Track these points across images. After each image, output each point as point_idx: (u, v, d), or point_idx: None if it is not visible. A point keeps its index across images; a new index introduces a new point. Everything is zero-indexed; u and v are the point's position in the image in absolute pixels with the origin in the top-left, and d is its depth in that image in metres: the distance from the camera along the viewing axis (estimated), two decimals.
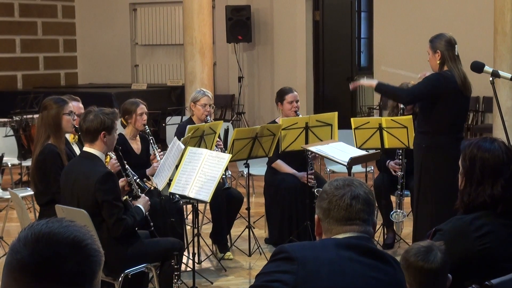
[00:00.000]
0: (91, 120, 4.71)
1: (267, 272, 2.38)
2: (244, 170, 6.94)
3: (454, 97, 5.49)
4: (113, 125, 4.78)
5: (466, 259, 3.01)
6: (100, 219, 4.63)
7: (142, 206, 4.86)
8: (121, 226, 4.61)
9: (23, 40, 14.14)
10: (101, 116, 4.72)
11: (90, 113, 4.76)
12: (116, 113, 4.90)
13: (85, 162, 4.74)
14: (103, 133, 4.71)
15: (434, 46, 5.54)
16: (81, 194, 4.66)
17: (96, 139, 4.72)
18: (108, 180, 4.62)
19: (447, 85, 5.45)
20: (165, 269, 4.85)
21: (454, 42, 5.55)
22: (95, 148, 4.74)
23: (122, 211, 4.65)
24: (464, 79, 5.51)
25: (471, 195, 3.10)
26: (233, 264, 6.38)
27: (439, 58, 5.51)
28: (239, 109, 13.31)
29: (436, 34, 5.62)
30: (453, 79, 5.47)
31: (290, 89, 6.90)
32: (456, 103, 5.53)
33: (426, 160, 5.60)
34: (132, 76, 14.67)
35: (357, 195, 2.45)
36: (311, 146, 6.24)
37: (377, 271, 2.40)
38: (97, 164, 4.69)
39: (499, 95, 5.70)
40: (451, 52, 5.51)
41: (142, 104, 6.22)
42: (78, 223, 1.57)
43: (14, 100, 10.63)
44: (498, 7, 9.48)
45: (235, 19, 13.00)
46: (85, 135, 4.76)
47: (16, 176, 9.51)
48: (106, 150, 4.80)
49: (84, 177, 4.67)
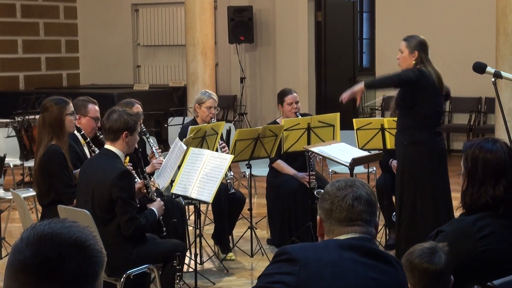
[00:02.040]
0: (114, 120, 4.76)
1: (269, 273, 2.38)
2: (246, 171, 6.94)
3: (432, 92, 5.65)
4: (136, 126, 4.84)
5: (468, 260, 3.01)
6: (110, 216, 4.65)
7: (156, 209, 4.88)
8: (133, 225, 4.64)
9: (25, 41, 14.15)
10: (125, 116, 4.77)
11: (114, 113, 4.81)
12: (140, 115, 4.96)
13: (105, 158, 4.80)
14: (125, 133, 4.75)
15: (412, 45, 5.70)
16: (97, 189, 4.69)
17: (118, 138, 4.76)
18: (125, 178, 4.66)
19: (427, 79, 5.62)
20: (167, 270, 4.85)
21: (427, 46, 5.74)
22: (116, 147, 4.79)
23: (135, 210, 4.68)
24: (440, 78, 5.69)
25: (473, 196, 3.10)
26: (235, 265, 6.38)
27: (414, 59, 5.65)
28: (241, 110, 13.31)
29: (410, 35, 5.77)
30: (430, 75, 5.62)
31: (290, 91, 6.91)
32: (433, 99, 5.68)
33: (409, 157, 5.69)
34: (134, 76, 14.68)
35: (359, 196, 2.45)
36: (313, 147, 6.24)
37: (379, 272, 2.40)
38: (116, 162, 4.74)
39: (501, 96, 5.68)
40: (425, 54, 5.69)
41: (137, 104, 6.22)
42: (80, 223, 1.57)
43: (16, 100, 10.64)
44: (500, 8, 9.48)
45: (237, 19, 13.00)
46: (107, 133, 4.81)
47: (18, 177, 9.52)
48: (127, 150, 4.85)
49: (102, 172, 4.70)
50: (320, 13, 13.29)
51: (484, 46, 10.78)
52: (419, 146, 5.70)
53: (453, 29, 11.78)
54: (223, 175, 5.51)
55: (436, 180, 5.73)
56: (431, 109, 5.71)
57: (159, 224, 4.98)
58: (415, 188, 5.72)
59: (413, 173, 5.72)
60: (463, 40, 11.68)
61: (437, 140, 5.77)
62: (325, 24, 13.40)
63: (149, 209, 4.87)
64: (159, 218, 4.93)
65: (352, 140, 6.66)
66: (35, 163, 5.34)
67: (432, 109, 5.71)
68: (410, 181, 5.74)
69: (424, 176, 5.70)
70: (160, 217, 4.95)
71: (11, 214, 7.28)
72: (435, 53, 12.62)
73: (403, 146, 5.76)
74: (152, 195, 5.00)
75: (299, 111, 6.88)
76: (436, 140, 5.75)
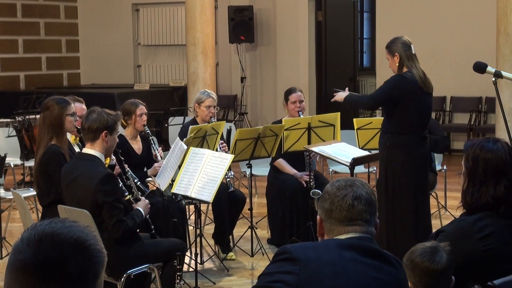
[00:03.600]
0: (93, 119, 4.72)
1: (269, 272, 2.38)
2: (246, 171, 6.94)
3: (416, 97, 5.57)
4: (115, 126, 4.78)
5: (469, 260, 3.01)
6: (100, 220, 4.62)
7: (142, 209, 4.86)
8: (121, 228, 4.60)
9: (26, 41, 14.16)
10: (104, 116, 4.73)
11: (93, 112, 4.77)
12: (119, 115, 4.91)
13: (85, 163, 4.73)
14: (104, 132, 4.70)
15: (392, 50, 5.65)
16: (81, 195, 4.66)
17: (97, 138, 4.71)
18: (109, 181, 4.61)
19: (407, 86, 5.53)
20: (167, 269, 4.86)
21: (409, 43, 5.65)
22: (95, 149, 4.73)
23: (122, 212, 4.65)
24: (424, 76, 5.61)
25: (474, 196, 3.10)
26: (236, 265, 6.38)
27: (397, 61, 5.60)
28: (242, 110, 13.31)
29: (390, 40, 5.72)
30: (412, 78, 5.55)
31: (294, 89, 6.92)
32: (418, 103, 5.60)
33: (390, 159, 5.66)
34: (135, 76, 14.68)
35: (359, 195, 2.45)
36: (313, 147, 6.24)
37: (379, 272, 2.40)
38: (98, 165, 4.69)
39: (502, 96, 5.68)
40: (408, 52, 5.60)
41: (142, 105, 6.21)
42: (81, 223, 1.57)
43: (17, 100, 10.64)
44: (500, 8, 9.48)
45: (237, 19, 13.00)
46: (86, 133, 4.75)
47: (18, 177, 9.52)
48: (106, 150, 4.80)
49: (84, 177, 4.66)
50: (321, 13, 13.29)
51: (485, 46, 10.79)
52: (400, 150, 5.62)
53: (453, 28, 11.77)
54: (224, 175, 5.51)
55: (415, 185, 5.67)
56: (415, 115, 5.60)
57: (146, 223, 4.96)
58: (393, 191, 5.66)
59: (394, 176, 5.65)
60: (464, 40, 11.68)
61: (420, 144, 5.66)
62: (325, 23, 13.40)
63: (135, 210, 4.83)
64: (146, 217, 4.92)
65: (352, 139, 6.66)
66: (35, 163, 5.34)
67: (415, 114, 5.60)
68: (391, 183, 5.68)
69: (404, 179, 5.63)
70: (147, 216, 4.94)
71: (12, 214, 7.28)
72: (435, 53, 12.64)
73: (385, 147, 5.70)
74: (137, 194, 4.97)
75: (303, 111, 6.87)
76: (419, 144, 5.65)
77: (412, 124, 5.61)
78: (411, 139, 5.60)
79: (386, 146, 5.69)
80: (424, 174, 5.75)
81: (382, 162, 5.77)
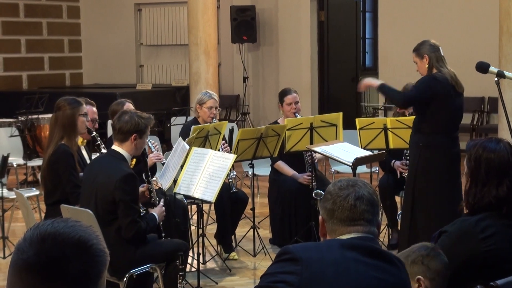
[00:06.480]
0: (125, 121, 4.75)
1: (271, 272, 2.38)
2: (249, 171, 6.94)
3: (448, 97, 5.60)
4: (146, 129, 4.82)
5: (471, 260, 3.01)
6: (112, 217, 4.65)
7: (157, 215, 4.88)
8: (134, 228, 4.63)
9: (28, 41, 14.17)
10: (136, 119, 4.75)
11: (126, 114, 4.81)
12: (152, 118, 4.92)
13: (111, 159, 4.78)
14: (134, 135, 4.74)
15: (420, 52, 5.70)
16: (100, 189, 4.69)
17: (127, 140, 4.75)
18: (130, 181, 4.64)
19: (440, 86, 5.57)
20: (170, 269, 4.86)
21: (437, 45, 5.71)
22: (124, 149, 4.78)
23: (137, 214, 4.68)
24: (455, 76, 5.65)
25: (476, 196, 3.10)
26: (238, 265, 6.38)
27: (427, 63, 5.64)
28: (244, 110, 13.31)
29: (418, 43, 5.77)
30: (444, 78, 5.59)
31: (289, 90, 6.89)
32: (450, 103, 5.63)
33: (423, 159, 5.66)
34: (137, 76, 14.69)
35: (361, 195, 2.45)
36: (315, 147, 6.24)
37: (382, 272, 2.40)
38: (122, 164, 4.73)
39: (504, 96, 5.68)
40: (437, 53, 5.66)
41: (128, 103, 6.22)
42: (83, 223, 1.57)
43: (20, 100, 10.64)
44: (503, 7, 9.47)
45: (240, 19, 13.00)
46: (117, 134, 4.80)
47: (21, 176, 9.53)
48: (134, 152, 4.83)
49: (107, 173, 4.70)
50: (323, 13, 13.29)
51: (487, 46, 10.77)
52: (432, 149, 5.64)
53: (456, 28, 11.76)
54: (226, 175, 5.52)
55: (447, 185, 5.68)
56: (447, 115, 5.64)
57: (158, 229, 4.98)
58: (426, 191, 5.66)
59: (426, 176, 5.66)
60: (466, 40, 11.67)
61: (452, 144, 5.69)
62: (328, 23, 13.40)
63: (150, 214, 4.86)
64: (159, 224, 4.94)
65: (354, 139, 6.65)
66: (44, 162, 5.36)
67: (448, 114, 5.64)
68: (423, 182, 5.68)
69: (436, 179, 5.63)
70: (160, 223, 4.95)
71: (15, 214, 7.30)
72: None
73: (417, 147, 5.70)
74: (155, 199, 5.00)
75: (299, 112, 6.87)
76: (451, 144, 5.68)
77: (444, 124, 5.64)
78: (443, 139, 5.64)
79: (418, 145, 5.69)
80: (455, 174, 5.72)
81: (413, 161, 5.77)
